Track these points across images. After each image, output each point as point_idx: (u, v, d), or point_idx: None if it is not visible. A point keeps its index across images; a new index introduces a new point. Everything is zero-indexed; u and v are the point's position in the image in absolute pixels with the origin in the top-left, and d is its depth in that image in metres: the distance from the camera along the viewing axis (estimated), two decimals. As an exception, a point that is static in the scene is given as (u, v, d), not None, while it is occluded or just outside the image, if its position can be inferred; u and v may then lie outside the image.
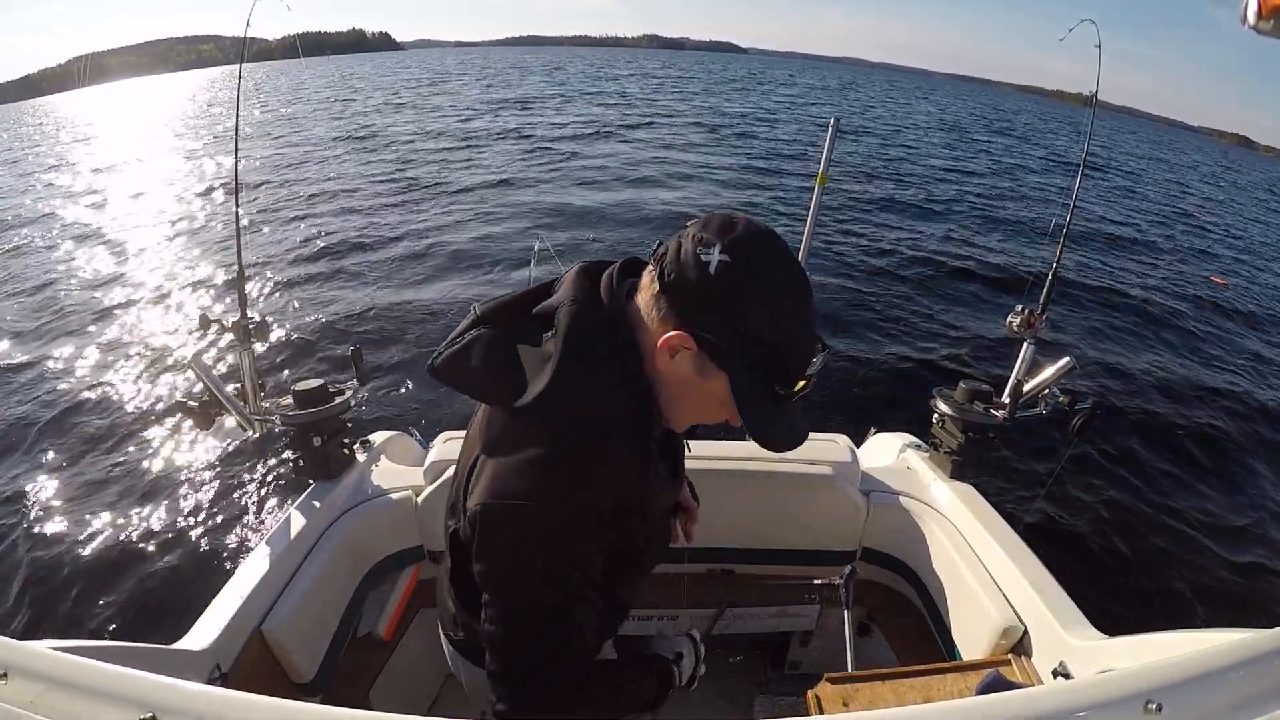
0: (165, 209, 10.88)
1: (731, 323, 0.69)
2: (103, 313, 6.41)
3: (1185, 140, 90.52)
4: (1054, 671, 1.26)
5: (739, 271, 0.67)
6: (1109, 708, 0.59)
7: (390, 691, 1.71)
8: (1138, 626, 1.21)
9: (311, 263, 7.61)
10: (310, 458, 1.69)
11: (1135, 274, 8.66)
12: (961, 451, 1.80)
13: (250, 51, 2.04)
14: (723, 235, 0.68)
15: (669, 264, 0.70)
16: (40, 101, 71.66)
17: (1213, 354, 6.32)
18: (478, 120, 21.20)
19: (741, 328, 0.69)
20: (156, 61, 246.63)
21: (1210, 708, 0.60)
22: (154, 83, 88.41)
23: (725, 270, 0.67)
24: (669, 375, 0.75)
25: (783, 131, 20.33)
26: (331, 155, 15.20)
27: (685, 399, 0.78)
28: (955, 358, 5.55)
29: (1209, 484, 4.20)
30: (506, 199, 10.36)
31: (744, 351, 0.70)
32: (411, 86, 39.14)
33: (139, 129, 26.40)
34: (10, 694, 0.58)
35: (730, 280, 0.67)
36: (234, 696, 0.58)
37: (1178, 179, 23.63)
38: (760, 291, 0.68)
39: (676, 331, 0.70)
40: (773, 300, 0.69)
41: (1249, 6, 0.65)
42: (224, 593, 1.35)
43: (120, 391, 4.87)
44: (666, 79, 46.89)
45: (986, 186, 13.77)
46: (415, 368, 5.03)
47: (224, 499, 3.69)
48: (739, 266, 0.67)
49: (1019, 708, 0.60)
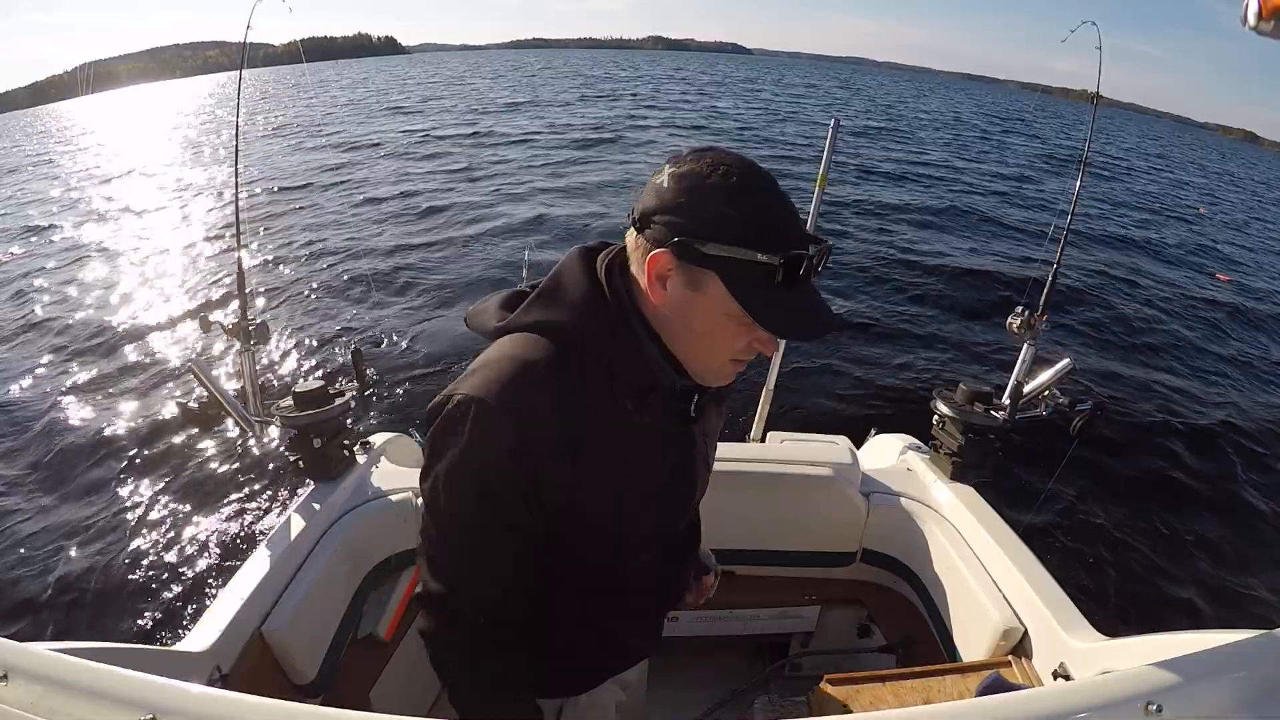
0: (167, 212, 10.91)
1: (696, 216, 0.68)
2: (102, 313, 6.42)
3: (1191, 136, 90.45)
4: (1054, 673, 1.26)
5: (687, 174, 0.69)
6: (1109, 709, 0.59)
7: (391, 692, 1.71)
8: (1138, 628, 1.20)
9: (312, 264, 7.62)
10: (310, 459, 1.69)
11: (1137, 273, 8.64)
12: (962, 453, 1.80)
13: (256, 57, 2.04)
14: (669, 161, 0.72)
15: (635, 208, 0.73)
16: (50, 108, 71.62)
17: (1214, 354, 6.31)
18: (481, 123, 21.22)
19: (705, 215, 0.67)
20: (163, 68, 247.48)
21: (1210, 709, 0.60)
22: (162, 89, 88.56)
23: (674, 178, 0.69)
24: (669, 309, 0.73)
25: (780, 132, 20.33)
26: (336, 159, 15.22)
27: (693, 329, 0.74)
28: (955, 359, 5.55)
29: (1209, 485, 4.20)
30: (508, 201, 10.36)
31: (720, 237, 0.67)
32: (426, 87, 39.15)
33: (144, 134, 26.46)
34: (10, 696, 0.58)
35: (681, 184, 0.69)
36: (234, 698, 0.59)
37: (1182, 176, 23.59)
38: (711, 176, 0.68)
39: (654, 254, 0.70)
40: (728, 181, 0.67)
41: (1249, 7, 0.66)
42: (224, 594, 1.35)
43: (120, 393, 4.87)
44: (673, 80, 46.93)
45: (988, 186, 13.75)
46: (415, 369, 5.04)
47: (224, 500, 3.69)
48: (685, 171, 0.69)
49: (1019, 709, 0.60)
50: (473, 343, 0.78)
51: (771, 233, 0.68)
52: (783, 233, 0.68)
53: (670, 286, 0.71)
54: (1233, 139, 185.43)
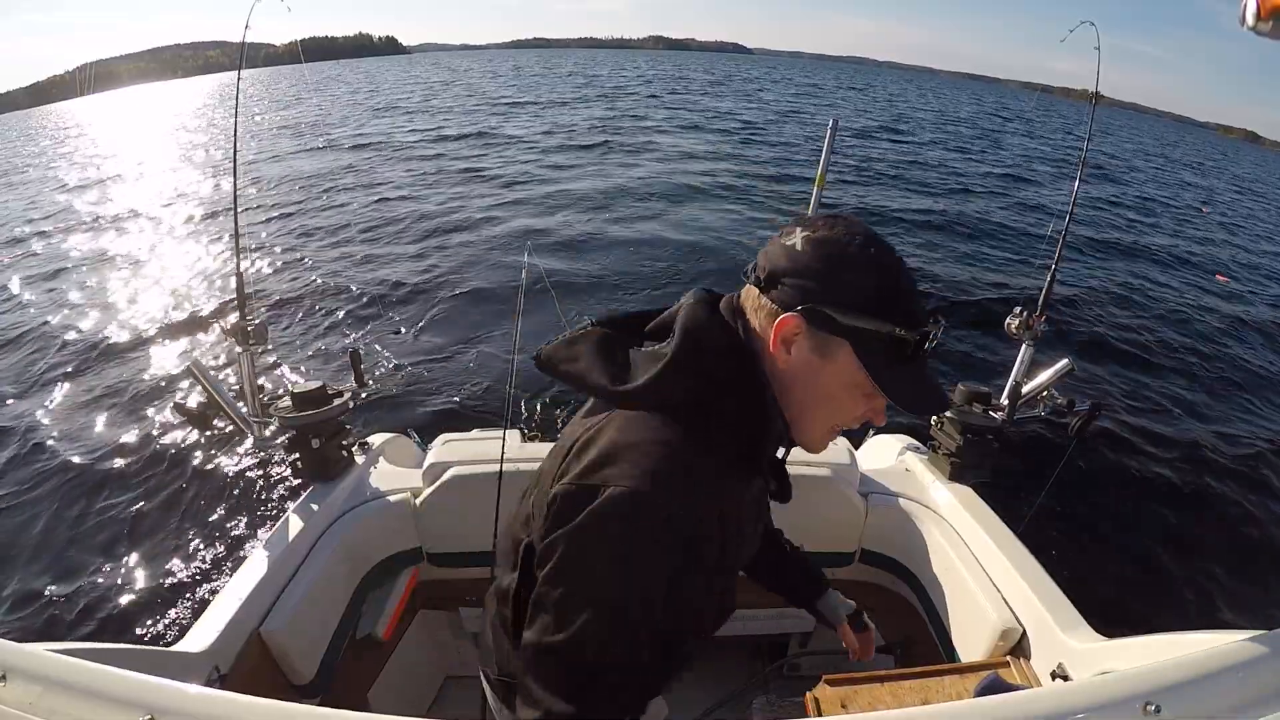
0: (166, 213, 10.89)
1: (832, 285, 0.68)
2: (102, 313, 6.42)
3: (1192, 136, 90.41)
4: (1053, 673, 1.26)
5: (825, 241, 0.69)
6: (1108, 709, 0.59)
7: (389, 693, 1.71)
8: (1136, 628, 1.20)
9: (311, 265, 7.61)
10: (309, 459, 1.70)
11: (1136, 274, 8.64)
12: (960, 453, 1.80)
13: (256, 57, 2.05)
14: (798, 224, 0.71)
15: (760, 267, 0.72)
16: (51, 109, 71.39)
17: (1214, 354, 6.30)
18: (480, 125, 21.21)
19: (844, 285, 0.67)
20: (164, 68, 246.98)
21: (1208, 709, 0.60)
22: (163, 89, 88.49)
23: (810, 243, 0.69)
24: (790, 373, 0.72)
25: (777, 133, 20.33)
26: (336, 159, 15.20)
27: (814, 395, 0.72)
28: (954, 359, 5.55)
29: (1208, 485, 4.20)
30: (508, 202, 10.36)
31: (856, 307, 0.67)
32: (435, 89, 39.16)
33: (143, 135, 26.45)
34: (9, 696, 0.58)
35: (818, 249, 0.69)
36: (232, 698, 0.59)
37: (1183, 176, 23.57)
38: (850, 246, 0.68)
39: (784, 317, 0.69)
40: (866, 250, 0.68)
41: (1248, 8, 0.66)
42: (222, 594, 1.35)
43: (119, 393, 4.86)
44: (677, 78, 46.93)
45: (987, 185, 13.74)
46: (414, 370, 5.03)
47: (222, 501, 3.68)
48: (822, 237, 0.69)
49: (1018, 709, 0.60)
50: (468, 342, 0.76)
51: (907, 307, 0.69)
52: (914, 307, 0.70)
53: (795, 350, 0.71)
54: (1234, 138, 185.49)
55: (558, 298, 2.02)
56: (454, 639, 1.94)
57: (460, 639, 1.93)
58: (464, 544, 1.70)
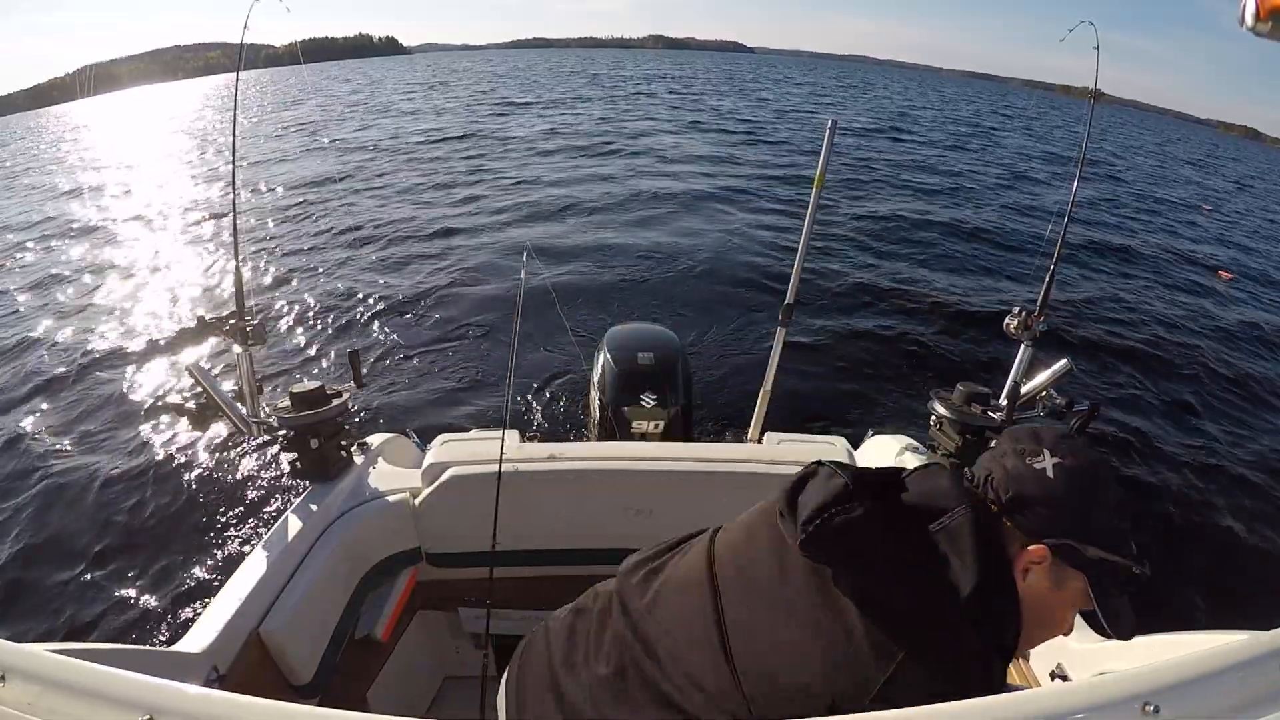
0: (166, 213, 10.89)
1: (1083, 521, 0.70)
2: (101, 314, 6.42)
3: (1193, 133, 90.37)
4: (1051, 674, 1.26)
5: (1077, 472, 0.71)
6: (1106, 710, 0.59)
7: (388, 693, 1.71)
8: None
9: (311, 265, 7.61)
10: (308, 460, 1.70)
11: (1137, 273, 8.64)
12: (959, 454, 1.80)
13: (257, 58, 2.05)
14: (1040, 443, 0.73)
15: (1001, 486, 0.73)
16: (51, 110, 71.23)
17: (1214, 354, 6.29)
18: (480, 122, 21.20)
19: (1097, 522, 0.70)
20: (165, 69, 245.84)
21: (1207, 710, 0.60)
22: (164, 90, 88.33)
23: (1062, 472, 0.71)
24: (1027, 598, 0.72)
25: (775, 133, 20.31)
26: (336, 160, 15.20)
27: (1038, 618, 0.74)
28: (953, 359, 5.55)
29: (1207, 486, 4.20)
30: (510, 204, 10.36)
31: (1107, 546, 0.70)
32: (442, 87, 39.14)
33: (143, 136, 26.46)
34: (9, 696, 0.58)
35: (1071, 482, 0.71)
36: (231, 698, 0.58)
37: (1181, 174, 23.51)
38: (1099, 481, 0.71)
39: (1035, 546, 0.70)
40: (1112, 488, 0.72)
41: (1246, 8, 0.66)
42: (221, 595, 1.35)
43: (118, 394, 4.86)
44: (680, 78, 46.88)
45: (987, 185, 13.74)
46: (413, 370, 5.03)
47: (221, 501, 3.68)
48: (1073, 467, 0.71)
49: (1017, 709, 0.59)
50: (468, 342, 0.76)
51: (1132, 547, 0.71)
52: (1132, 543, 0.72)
53: (1032, 577, 0.72)
54: (1234, 135, 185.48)
55: (558, 299, 2.02)
56: (453, 639, 1.94)
57: (459, 639, 1.93)
58: (463, 544, 1.70)
